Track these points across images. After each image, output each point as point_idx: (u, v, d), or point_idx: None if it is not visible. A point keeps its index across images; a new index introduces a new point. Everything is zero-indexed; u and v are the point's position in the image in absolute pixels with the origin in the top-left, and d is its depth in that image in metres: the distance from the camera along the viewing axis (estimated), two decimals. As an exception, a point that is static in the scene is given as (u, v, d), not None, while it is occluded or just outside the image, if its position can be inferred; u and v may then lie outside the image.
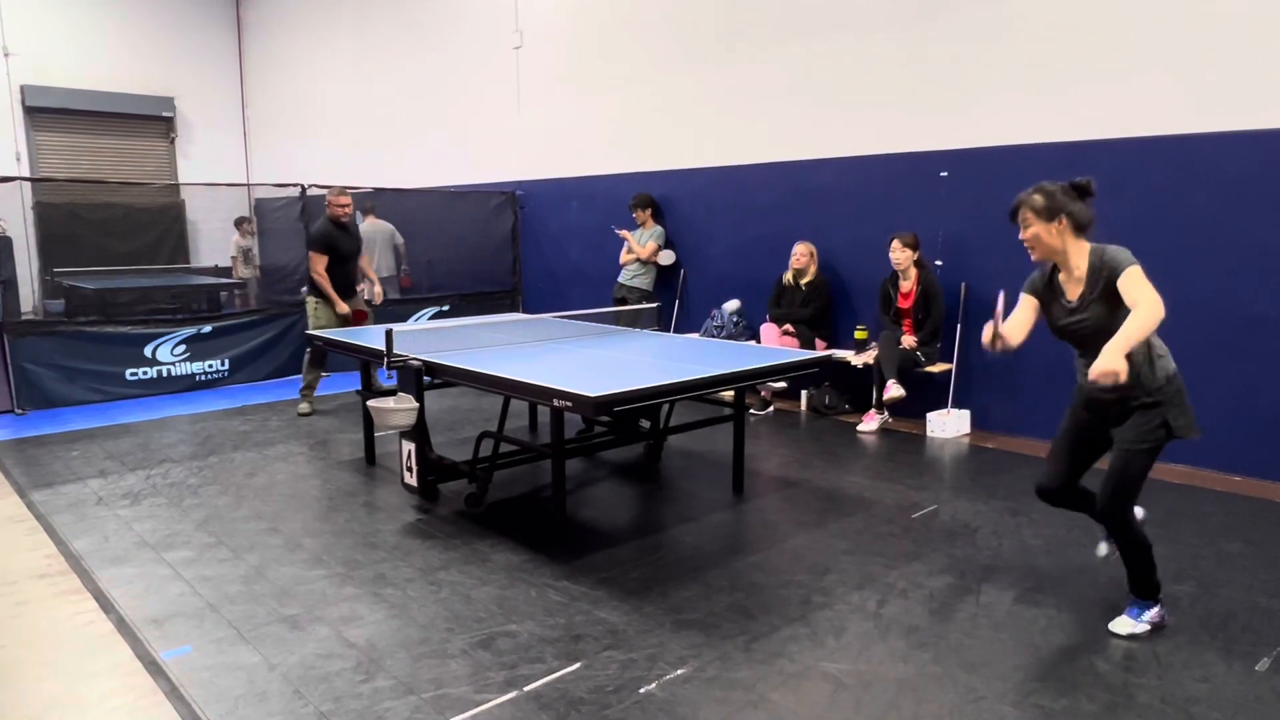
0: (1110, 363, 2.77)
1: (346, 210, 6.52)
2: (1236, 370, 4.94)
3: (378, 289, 7.12)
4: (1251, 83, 4.77)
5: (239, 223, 11.60)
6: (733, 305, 7.28)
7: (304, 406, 6.71)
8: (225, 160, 13.95)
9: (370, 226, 9.29)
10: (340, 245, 6.51)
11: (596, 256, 8.55)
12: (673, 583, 3.59)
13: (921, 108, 6.16)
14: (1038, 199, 3.05)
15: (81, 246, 11.18)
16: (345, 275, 6.60)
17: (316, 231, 6.51)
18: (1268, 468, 4.84)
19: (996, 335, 3.16)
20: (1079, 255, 3.04)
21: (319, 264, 6.43)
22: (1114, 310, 2.94)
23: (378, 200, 9.62)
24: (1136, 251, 5.66)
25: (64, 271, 10.78)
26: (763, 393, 6.84)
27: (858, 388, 6.53)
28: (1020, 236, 3.11)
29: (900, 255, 6.06)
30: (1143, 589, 3.15)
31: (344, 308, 6.48)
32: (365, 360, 5.24)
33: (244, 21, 14.09)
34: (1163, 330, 5.36)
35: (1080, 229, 3.03)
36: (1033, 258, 3.13)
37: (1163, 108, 5.08)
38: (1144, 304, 2.83)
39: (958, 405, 6.07)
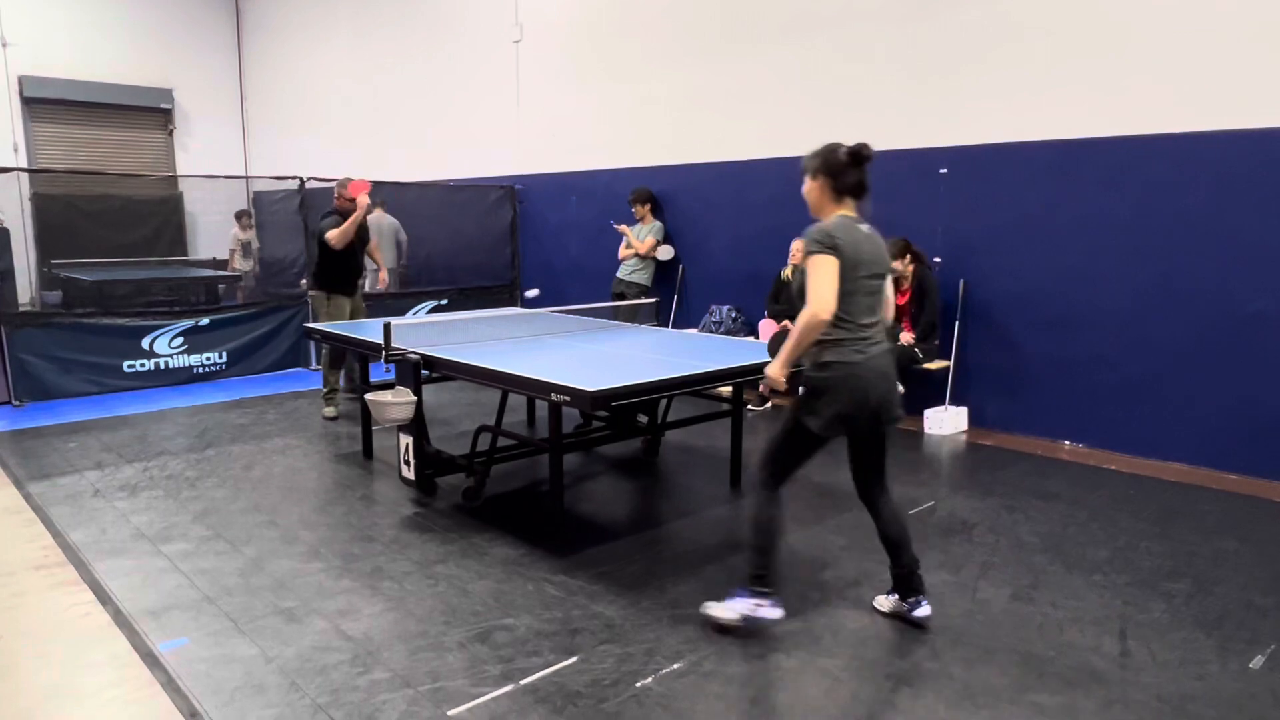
0: (771, 372, 3.01)
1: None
2: (1234, 369, 4.95)
3: (383, 274, 6.94)
4: (1249, 82, 4.76)
5: (239, 216, 11.56)
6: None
7: (329, 410, 6.39)
8: (224, 152, 13.91)
9: (376, 218, 9.24)
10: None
11: (595, 251, 8.54)
12: (670, 577, 3.59)
13: (920, 105, 6.16)
14: (810, 156, 3.14)
15: (79, 238, 11.13)
16: (352, 268, 6.42)
17: (325, 223, 6.24)
18: (1264, 466, 4.85)
19: None
20: (831, 219, 3.09)
21: (336, 234, 6.11)
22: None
23: (384, 194, 9.57)
24: (1135, 249, 5.68)
25: (62, 263, 10.75)
26: (760, 388, 6.84)
27: (856, 384, 6.52)
28: None
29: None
30: (750, 575, 3.10)
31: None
32: (363, 354, 5.23)
33: (243, 13, 14.05)
34: (1161, 328, 5.34)
35: (839, 194, 3.08)
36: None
37: (1161, 106, 5.08)
38: (804, 310, 2.89)
39: (955, 402, 6.07)
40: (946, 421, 5.94)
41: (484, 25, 9.57)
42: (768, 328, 6.74)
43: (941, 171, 6.10)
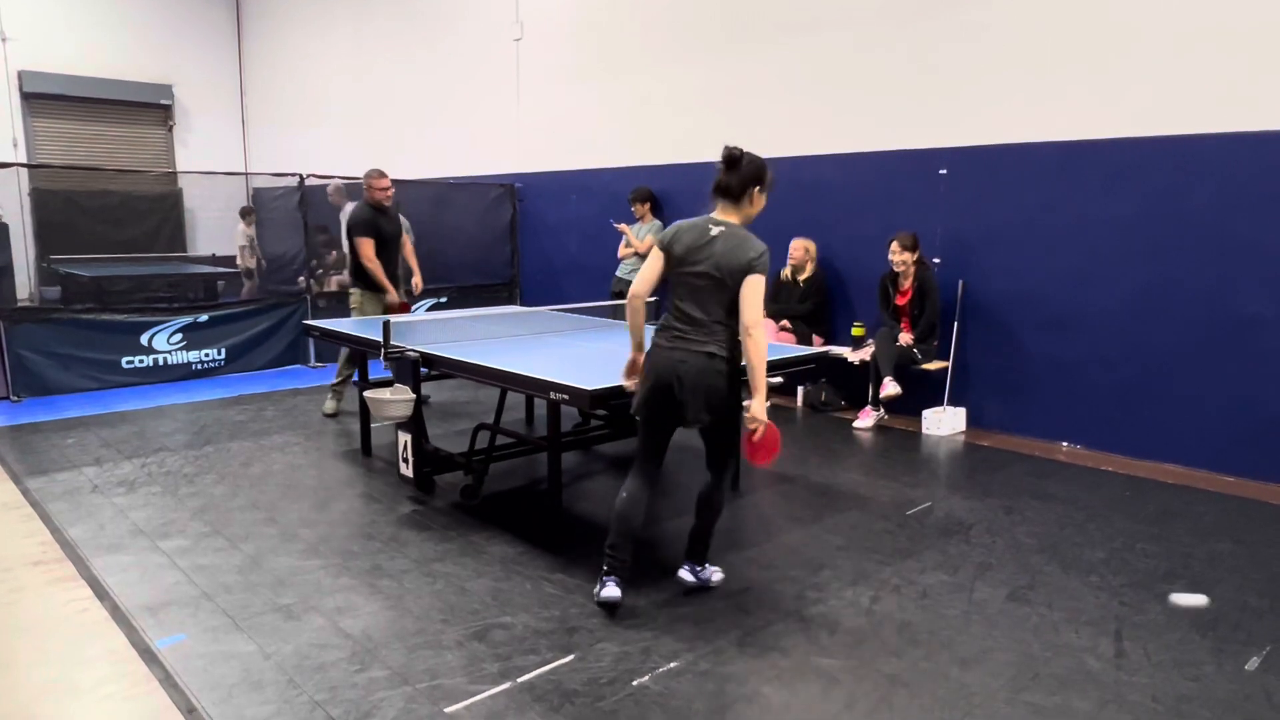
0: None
1: (388, 193, 6.13)
2: (1232, 370, 4.96)
3: (417, 278, 6.71)
4: (1250, 85, 4.77)
5: (245, 213, 11.55)
6: None
7: (328, 406, 6.34)
8: (223, 148, 13.89)
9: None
10: (383, 229, 6.14)
11: (594, 250, 8.54)
12: (667, 576, 3.59)
13: (921, 105, 6.16)
14: None
15: (78, 233, 11.13)
16: (388, 263, 6.19)
17: (358, 216, 6.12)
18: (1261, 468, 4.86)
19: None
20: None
21: (369, 249, 6.01)
22: None
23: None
24: (1134, 251, 5.69)
25: (61, 259, 10.74)
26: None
27: (854, 384, 6.53)
28: None
29: (899, 257, 6.05)
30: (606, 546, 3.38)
31: (395, 296, 6.07)
32: (362, 351, 5.24)
33: (243, 9, 14.03)
34: (1159, 329, 5.35)
35: (714, 194, 3.50)
36: None
37: (1161, 108, 5.09)
38: None
39: (953, 403, 6.08)
40: (945, 422, 5.95)
41: (485, 23, 9.57)
42: (766, 328, 6.74)
43: (941, 172, 6.11)
